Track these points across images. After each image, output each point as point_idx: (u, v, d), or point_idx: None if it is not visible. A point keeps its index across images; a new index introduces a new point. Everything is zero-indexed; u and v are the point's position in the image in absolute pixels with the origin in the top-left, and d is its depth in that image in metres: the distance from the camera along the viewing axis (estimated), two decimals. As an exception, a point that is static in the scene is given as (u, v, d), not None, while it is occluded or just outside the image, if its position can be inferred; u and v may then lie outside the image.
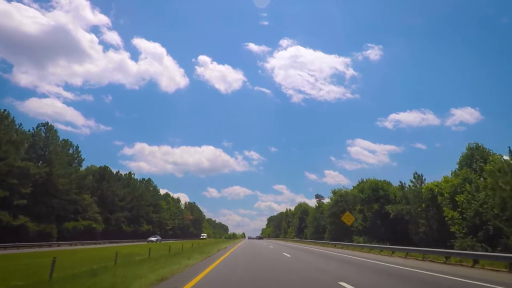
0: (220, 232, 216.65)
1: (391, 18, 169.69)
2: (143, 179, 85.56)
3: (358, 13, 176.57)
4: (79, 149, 50.39)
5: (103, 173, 59.35)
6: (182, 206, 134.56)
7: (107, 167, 60.85)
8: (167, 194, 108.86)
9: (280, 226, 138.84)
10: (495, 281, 9.30)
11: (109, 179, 59.72)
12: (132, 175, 73.41)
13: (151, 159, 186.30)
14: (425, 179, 28.95)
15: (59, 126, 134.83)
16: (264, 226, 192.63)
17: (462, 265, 14.81)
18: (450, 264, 15.33)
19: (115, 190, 58.44)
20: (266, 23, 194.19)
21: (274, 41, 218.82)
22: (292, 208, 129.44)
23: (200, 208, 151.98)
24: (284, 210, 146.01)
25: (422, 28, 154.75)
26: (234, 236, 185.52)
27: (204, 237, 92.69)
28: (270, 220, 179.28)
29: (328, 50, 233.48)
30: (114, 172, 66.71)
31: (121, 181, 67.29)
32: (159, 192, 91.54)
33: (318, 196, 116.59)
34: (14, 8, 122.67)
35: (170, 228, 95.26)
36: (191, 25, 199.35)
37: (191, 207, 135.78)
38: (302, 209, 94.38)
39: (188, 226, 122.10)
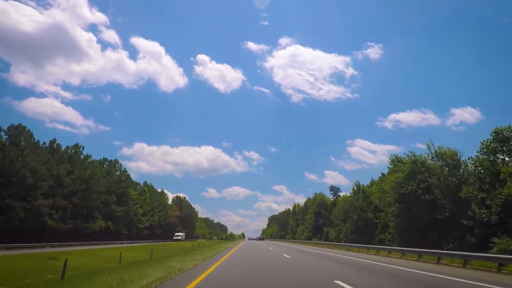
0: (218, 232, 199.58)
1: (391, 17, 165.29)
2: (104, 158, 63.09)
3: (358, 11, 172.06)
4: None
5: (14, 136, 36.91)
6: (169, 201, 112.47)
7: (24, 127, 38.35)
8: (145, 183, 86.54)
9: (286, 225, 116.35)
10: None
11: (25, 147, 37.25)
12: (79, 148, 50.77)
13: (150, 159, 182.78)
14: None
15: (58, 126, 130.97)
16: (265, 226, 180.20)
17: None
18: None
19: (29, 163, 35.75)
20: (266, 23, 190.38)
21: (273, 39, 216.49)
22: (301, 203, 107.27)
23: (200, 208, 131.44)
24: (284, 210, 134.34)
25: (423, 28, 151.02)
26: (231, 237, 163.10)
27: (180, 238, 68.28)
28: (272, 219, 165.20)
29: (327, 49, 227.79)
30: (40, 143, 44.45)
31: (56, 154, 44.84)
32: (129, 178, 69.12)
33: (333, 189, 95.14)
34: (11, 6, 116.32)
35: (146, 226, 72.81)
36: (189, 23, 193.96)
37: (180, 202, 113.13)
38: (318, 202, 71.94)
39: (175, 224, 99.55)
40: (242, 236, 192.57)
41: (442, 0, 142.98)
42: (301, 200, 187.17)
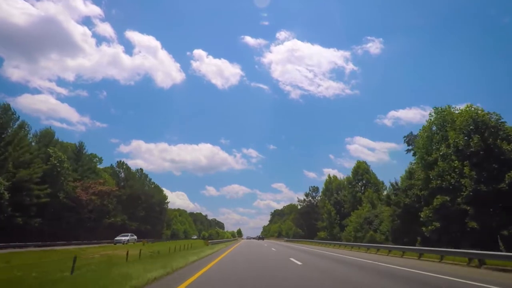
0: (213, 230, 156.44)
1: (392, 12, 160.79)
2: None
3: (358, 4, 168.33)
4: None
5: None
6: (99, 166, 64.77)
7: None
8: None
9: (313, 217, 67.98)
10: None
11: None
12: None
13: (148, 157, 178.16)
14: None
15: (54, 123, 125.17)
16: (266, 223, 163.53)
17: None
18: None
19: None
20: (266, 23, 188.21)
21: (270, 33, 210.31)
22: (345, 175, 59.47)
23: (199, 206, 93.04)
24: (281, 208, 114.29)
25: (424, 25, 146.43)
26: (218, 236, 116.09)
27: None
28: (275, 214, 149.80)
29: (326, 44, 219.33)
30: None
31: None
32: None
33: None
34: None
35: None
36: (184, 17, 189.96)
37: (126, 173, 64.52)
38: (479, 120, 24.08)
39: (104, 210, 51.58)
40: (238, 233, 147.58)
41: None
42: (299, 198, 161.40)
